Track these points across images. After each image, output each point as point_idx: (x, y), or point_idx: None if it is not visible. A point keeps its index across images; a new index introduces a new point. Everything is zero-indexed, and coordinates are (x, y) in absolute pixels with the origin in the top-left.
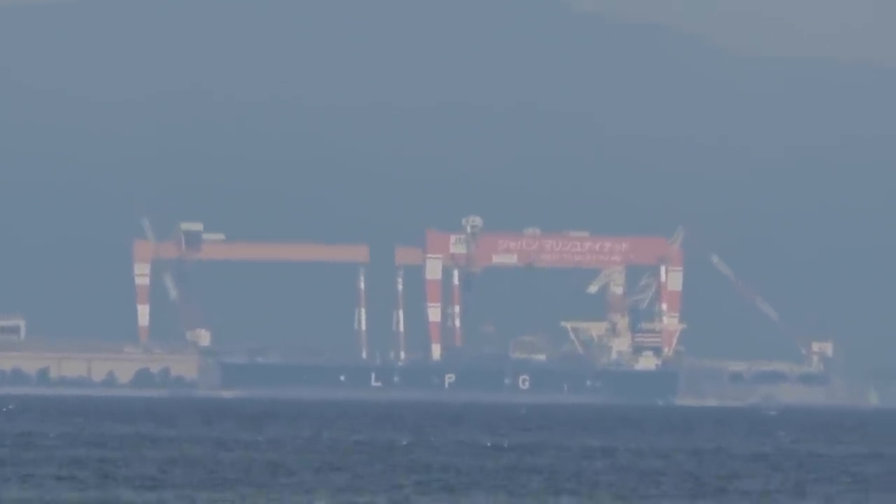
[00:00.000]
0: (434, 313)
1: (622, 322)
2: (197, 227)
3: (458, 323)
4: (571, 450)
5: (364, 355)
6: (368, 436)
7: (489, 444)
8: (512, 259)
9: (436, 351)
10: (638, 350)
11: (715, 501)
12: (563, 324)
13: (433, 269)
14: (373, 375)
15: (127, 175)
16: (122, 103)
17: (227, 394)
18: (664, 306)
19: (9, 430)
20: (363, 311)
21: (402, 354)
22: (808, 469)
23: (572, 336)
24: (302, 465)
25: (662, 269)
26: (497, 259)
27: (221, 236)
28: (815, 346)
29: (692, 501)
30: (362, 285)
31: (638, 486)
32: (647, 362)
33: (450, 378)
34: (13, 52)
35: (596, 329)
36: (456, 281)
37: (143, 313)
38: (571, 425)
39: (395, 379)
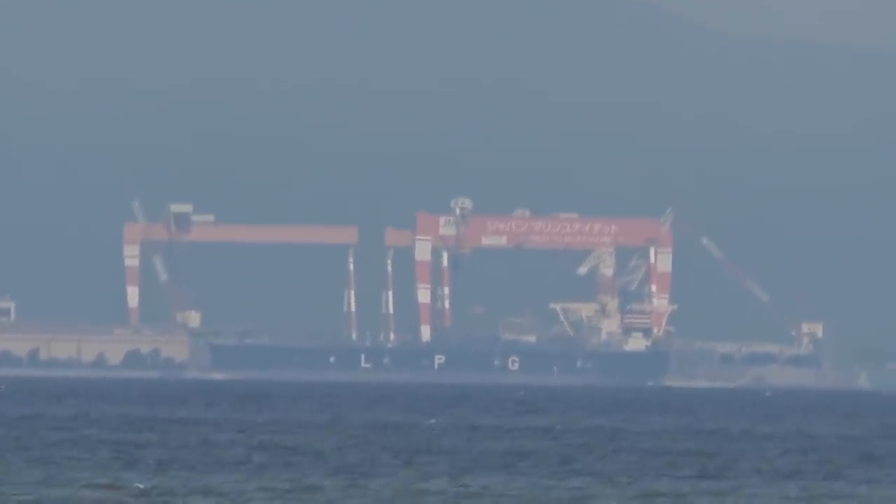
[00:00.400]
0: (423, 295)
1: (612, 303)
2: (186, 208)
3: (447, 304)
4: (580, 431)
5: (353, 337)
6: (380, 417)
7: (496, 426)
8: (501, 241)
9: (425, 332)
10: (627, 331)
11: (732, 482)
12: (552, 305)
13: (422, 251)
14: (362, 357)
15: (117, 157)
16: (112, 87)
17: (217, 375)
18: (654, 288)
19: (12, 412)
20: (352, 292)
21: (392, 336)
22: (822, 450)
23: (562, 317)
24: (312, 446)
25: (652, 250)
26: (486, 241)
27: (211, 218)
28: (805, 328)
29: (699, 481)
30: (351, 267)
31: (656, 467)
32: (637, 343)
33: (439, 359)
34: (4, 39)
35: (585, 310)
36: (445, 263)
37: (133, 295)
38: (575, 407)
39: (385, 360)
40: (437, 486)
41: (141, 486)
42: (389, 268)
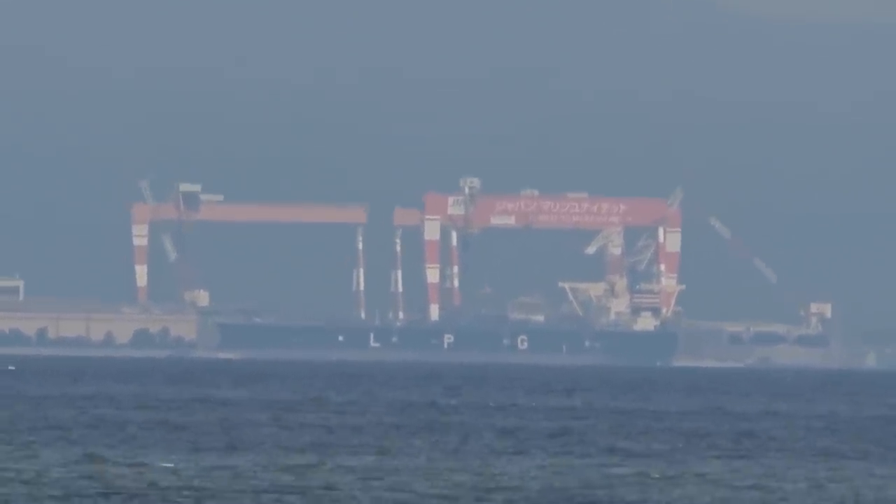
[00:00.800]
0: (432, 274)
1: (620, 283)
2: (195, 188)
3: (456, 284)
4: (602, 411)
5: (363, 316)
6: (398, 396)
7: (518, 406)
8: (510, 220)
9: (434, 312)
10: (636, 311)
11: (762, 462)
12: (561, 284)
13: (431, 231)
14: (371, 336)
15: (126, 137)
16: (121, 67)
17: (225, 354)
18: (662, 267)
19: (30, 391)
20: (361, 272)
21: (401, 315)
22: (846, 430)
23: (570, 297)
24: (337, 425)
25: (660, 230)
26: (495, 220)
27: (220, 197)
28: (814, 308)
29: (730, 461)
30: (361, 246)
31: (684, 447)
32: (646, 323)
33: (448, 339)
34: (14, 17)
35: (594, 290)
36: (454, 242)
37: (142, 274)
38: (589, 388)
39: (394, 339)
40: (466, 466)
41: (169, 466)
42: (398, 247)
